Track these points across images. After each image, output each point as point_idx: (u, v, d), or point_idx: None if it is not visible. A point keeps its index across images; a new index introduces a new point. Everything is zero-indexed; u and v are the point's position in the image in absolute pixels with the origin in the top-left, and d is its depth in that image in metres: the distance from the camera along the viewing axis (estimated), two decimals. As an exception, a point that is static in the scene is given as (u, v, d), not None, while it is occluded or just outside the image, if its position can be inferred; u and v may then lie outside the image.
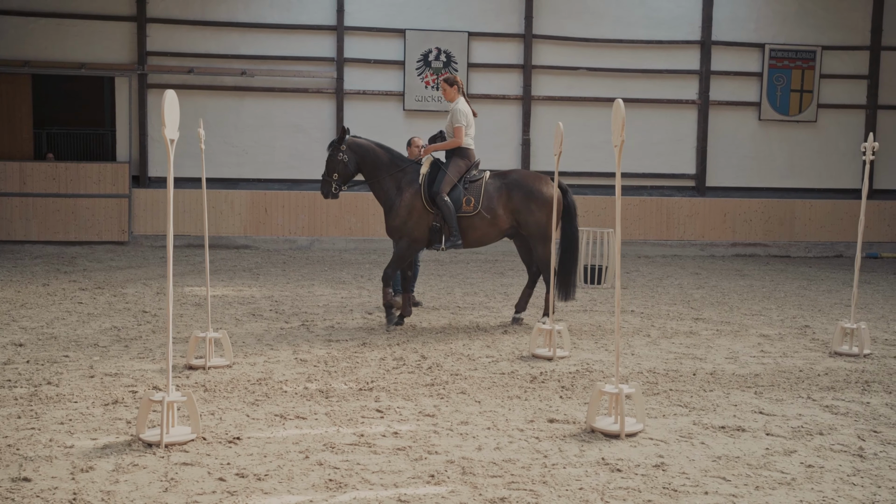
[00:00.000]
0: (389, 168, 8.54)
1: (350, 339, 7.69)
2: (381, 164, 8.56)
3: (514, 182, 8.47)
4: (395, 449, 4.53)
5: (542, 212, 8.31)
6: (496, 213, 8.37)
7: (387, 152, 8.66)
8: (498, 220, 8.41)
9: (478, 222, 8.37)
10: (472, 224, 8.37)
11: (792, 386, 6.10)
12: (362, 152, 8.57)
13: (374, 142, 8.74)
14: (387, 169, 8.53)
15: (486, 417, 5.17)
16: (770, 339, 8.02)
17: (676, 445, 4.67)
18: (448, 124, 8.48)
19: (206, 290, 6.66)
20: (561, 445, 4.65)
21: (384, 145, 8.77)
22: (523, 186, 8.41)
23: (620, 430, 4.80)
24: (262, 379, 6.06)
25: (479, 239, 8.51)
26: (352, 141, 8.58)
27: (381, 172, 8.52)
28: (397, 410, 5.29)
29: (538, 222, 8.33)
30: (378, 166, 8.55)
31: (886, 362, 7.04)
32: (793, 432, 4.94)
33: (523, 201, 8.36)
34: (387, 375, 6.25)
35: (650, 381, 6.17)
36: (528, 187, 8.40)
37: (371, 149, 8.60)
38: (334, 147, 8.56)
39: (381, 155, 8.58)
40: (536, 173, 8.71)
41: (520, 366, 6.67)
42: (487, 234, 8.49)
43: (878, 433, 4.94)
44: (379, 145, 8.70)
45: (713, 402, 5.59)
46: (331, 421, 5.04)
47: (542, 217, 8.31)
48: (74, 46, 16.22)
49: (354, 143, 8.58)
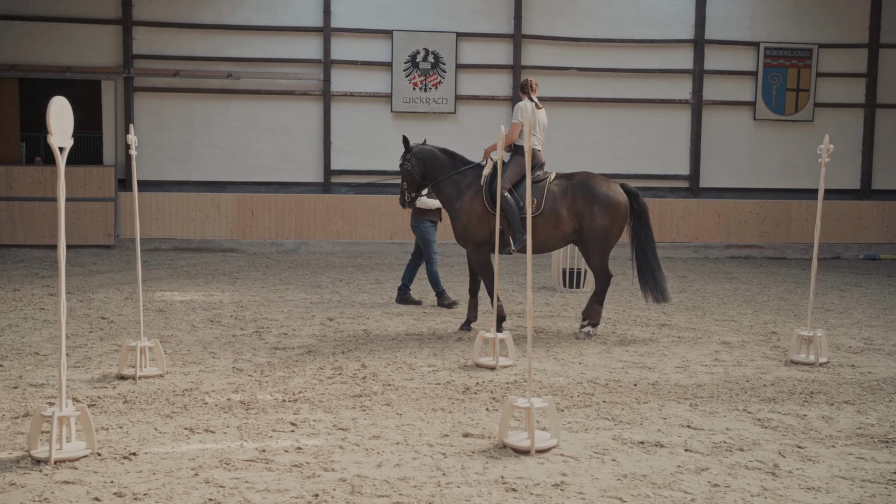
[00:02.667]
0: (450, 172, 8.45)
1: (298, 346, 7.56)
2: (441, 168, 8.51)
3: (578, 183, 8.14)
4: (292, 466, 4.39)
5: (606, 217, 8.01)
6: (559, 215, 8.06)
7: (448, 157, 8.57)
8: (561, 223, 8.09)
9: (540, 224, 8.05)
10: (535, 225, 8.04)
11: (732, 397, 5.91)
12: (424, 158, 8.59)
13: (440, 148, 8.70)
14: (447, 173, 8.46)
15: (401, 431, 5.02)
16: (730, 347, 7.81)
17: (586, 463, 4.50)
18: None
19: (139, 297, 6.54)
20: (466, 462, 4.49)
21: (448, 150, 8.69)
22: (588, 188, 8.08)
23: (531, 446, 4.63)
24: (189, 390, 5.94)
25: (541, 242, 8.16)
26: (417, 148, 8.69)
27: (442, 177, 8.50)
28: (312, 424, 5.15)
29: (600, 227, 8.04)
30: (438, 171, 8.53)
31: (841, 372, 6.82)
32: (713, 448, 4.75)
33: (586, 204, 8.04)
34: (318, 386, 6.11)
35: (586, 393, 5.99)
36: (593, 190, 8.07)
37: (432, 154, 8.59)
38: (402, 156, 8.70)
39: (441, 159, 8.53)
40: (603, 176, 8.35)
41: (459, 376, 6.51)
42: (551, 238, 8.17)
43: (802, 449, 4.74)
44: (443, 150, 8.64)
45: (643, 416, 5.41)
46: (239, 435, 4.91)
47: (604, 222, 8.02)
48: (61, 50, 16.26)
49: (418, 149, 8.68)
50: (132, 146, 6.37)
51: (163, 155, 16.76)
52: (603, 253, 8.12)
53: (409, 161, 8.63)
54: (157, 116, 16.71)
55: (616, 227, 8.12)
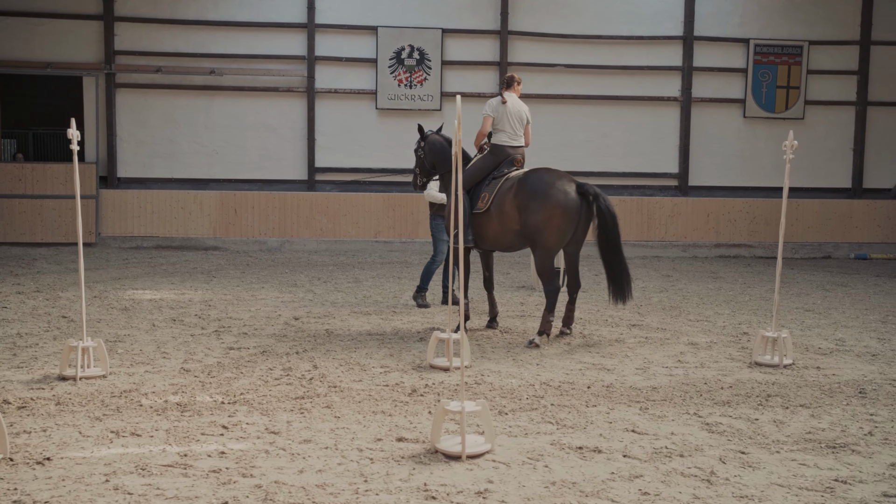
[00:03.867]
0: (448, 166, 8.36)
1: (254, 346, 7.40)
2: (444, 161, 8.45)
3: (525, 178, 7.61)
4: (210, 471, 4.23)
5: (540, 214, 7.37)
6: (503, 212, 7.65)
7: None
8: (506, 220, 7.65)
9: (485, 220, 7.84)
10: (482, 222, 7.87)
11: (685, 401, 5.73)
12: (432, 148, 8.57)
13: (449, 139, 8.54)
14: (447, 166, 8.39)
15: (334, 435, 4.85)
16: (697, 348, 7.63)
17: (517, 469, 4.33)
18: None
19: (82, 296, 6.38)
20: (392, 468, 4.32)
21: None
22: (531, 183, 7.51)
23: (462, 451, 4.46)
24: (128, 391, 5.78)
25: (493, 240, 7.90)
26: (430, 138, 8.65)
27: (443, 170, 8.51)
28: (244, 427, 4.99)
29: (534, 225, 7.43)
30: (442, 163, 8.50)
31: (804, 374, 6.63)
32: (652, 454, 4.57)
33: (526, 199, 7.47)
34: (262, 388, 5.95)
35: (536, 395, 5.82)
36: (535, 185, 7.48)
37: (440, 145, 8.53)
38: (417, 142, 8.77)
39: (447, 152, 8.44)
40: (559, 172, 7.71)
41: (410, 377, 6.34)
42: (501, 236, 7.81)
43: (745, 454, 4.56)
44: (451, 142, 8.47)
45: (589, 419, 5.23)
46: (165, 438, 4.75)
47: (538, 219, 7.40)
48: (41, 46, 16.12)
49: (430, 139, 8.67)
50: (73, 141, 6.20)
51: (145, 152, 16.62)
52: (541, 254, 7.55)
53: (422, 148, 8.69)
54: (139, 113, 16.57)
55: (553, 227, 7.40)
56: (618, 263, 7.72)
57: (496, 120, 7.97)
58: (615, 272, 7.71)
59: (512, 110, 8.02)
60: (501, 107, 7.98)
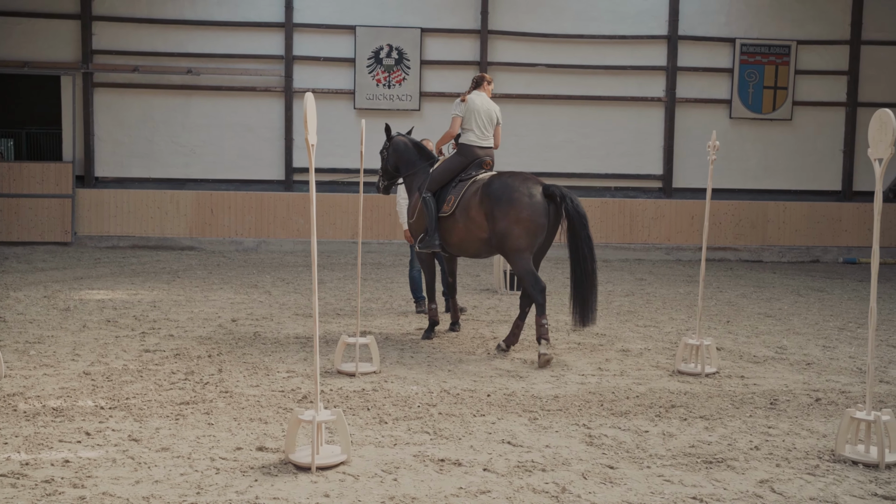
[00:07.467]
0: (413, 168, 8.26)
1: (171, 349, 7.25)
2: (407, 163, 8.34)
3: (491, 182, 7.28)
4: (42, 481, 4.08)
5: (505, 219, 7.02)
6: (469, 216, 7.35)
7: (417, 152, 8.35)
8: (471, 225, 7.35)
9: (450, 225, 7.58)
10: (446, 227, 7.63)
11: (581, 411, 5.51)
12: (395, 151, 8.43)
13: (414, 141, 8.46)
14: (410, 169, 8.29)
15: (195, 443, 4.69)
16: (626, 355, 7.40)
17: (364, 482, 4.15)
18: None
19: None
20: (233, 480, 4.15)
21: (422, 145, 8.45)
22: (497, 188, 7.15)
23: (311, 462, 4.28)
24: (13, 395, 5.65)
25: (459, 245, 7.62)
26: (395, 139, 8.49)
27: (406, 173, 8.37)
28: (107, 434, 4.84)
29: (499, 230, 7.08)
30: (404, 166, 8.37)
31: (723, 383, 6.39)
32: (514, 468, 4.37)
33: (490, 204, 7.14)
34: (151, 392, 5.80)
35: (429, 403, 5.63)
36: (499, 189, 7.13)
37: (405, 147, 8.40)
38: (384, 144, 8.57)
39: (410, 154, 8.33)
40: (525, 174, 7.34)
41: (310, 383, 6.17)
42: (467, 241, 7.51)
43: (613, 469, 4.35)
44: (416, 144, 8.40)
45: (469, 430, 5.04)
46: (18, 445, 4.61)
47: (503, 224, 7.04)
48: (18, 44, 16.12)
49: (395, 141, 8.49)
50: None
51: (123, 151, 16.58)
52: (515, 259, 7.09)
53: (386, 150, 8.54)
54: (116, 112, 16.53)
55: (518, 231, 7.00)
56: (586, 279, 7.01)
57: (465, 119, 7.73)
58: (583, 292, 7.00)
59: (481, 109, 7.71)
60: (470, 105, 7.71)
